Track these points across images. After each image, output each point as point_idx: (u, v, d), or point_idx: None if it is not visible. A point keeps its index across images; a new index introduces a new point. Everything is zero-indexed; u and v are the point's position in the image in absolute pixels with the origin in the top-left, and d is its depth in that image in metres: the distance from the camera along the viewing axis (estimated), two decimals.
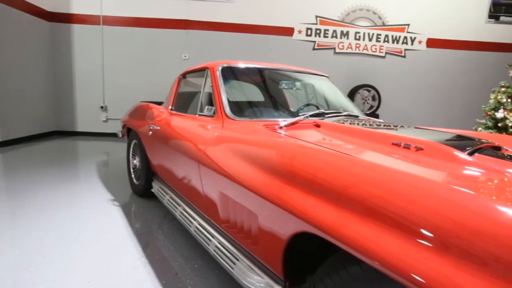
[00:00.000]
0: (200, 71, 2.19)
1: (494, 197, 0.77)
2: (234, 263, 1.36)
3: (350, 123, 1.58)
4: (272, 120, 1.71)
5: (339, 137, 1.34)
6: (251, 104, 2.02)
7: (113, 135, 5.57)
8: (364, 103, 5.80)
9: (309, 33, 6.01)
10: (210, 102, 1.92)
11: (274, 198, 1.02)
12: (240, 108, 1.86)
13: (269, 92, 2.21)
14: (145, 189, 2.71)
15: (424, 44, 6.09)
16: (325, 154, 1.00)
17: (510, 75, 3.30)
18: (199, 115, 1.98)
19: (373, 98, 5.79)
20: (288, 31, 5.98)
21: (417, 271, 0.63)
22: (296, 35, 6.00)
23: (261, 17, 5.89)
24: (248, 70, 2.09)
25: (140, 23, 5.82)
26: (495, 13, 6.01)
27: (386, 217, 0.72)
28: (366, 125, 1.56)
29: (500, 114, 3.18)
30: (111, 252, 1.86)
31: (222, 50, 5.89)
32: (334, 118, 1.74)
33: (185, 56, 5.93)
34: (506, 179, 0.92)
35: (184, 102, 2.46)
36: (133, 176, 3.00)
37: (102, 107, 6.04)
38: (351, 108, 2.13)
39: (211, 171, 1.45)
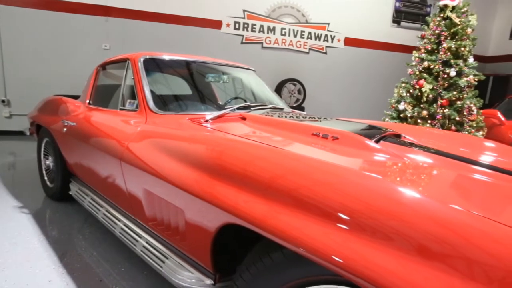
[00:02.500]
0: (121, 63, 2.04)
1: (396, 180, 0.88)
2: (163, 262, 1.32)
3: (275, 116, 1.64)
4: (198, 113, 1.69)
5: (264, 129, 1.39)
6: (176, 98, 1.96)
7: (19, 133, 4.87)
8: (290, 96, 6.08)
9: (237, 26, 6.04)
10: (132, 96, 1.81)
11: (201, 192, 1.01)
12: (164, 102, 1.79)
13: (195, 85, 2.17)
14: (62, 192, 2.45)
15: (342, 42, 6.61)
16: (250, 147, 1.02)
17: (408, 73, 3.79)
18: (120, 109, 1.85)
19: (299, 92, 6.10)
20: (216, 24, 5.92)
21: (336, 253, 0.68)
22: (224, 29, 5.97)
23: (188, 8, 5.71)
24: (172, 62, 2.02)
25: (49, 5, 5.16)
26: (397, 19, 6.82)
27: (309, 205, 0.76)
28: (291, 117, 1.64)
29: (401, 106, 3.64)
30: (20, 267, 1.65)
31: (147, 41, 5.57)
32: (259, 111, 1.79)
33: (105, 46, 5.45)
34: (405, 163, 1.07)
35: (103, 95, 2.27)
36: (46, 178, 2.68)
37: (3, 101, 5.24)
38: (277, 101, 2.22)
39: (135, 168, 1.38)
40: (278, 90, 6.01)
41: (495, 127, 3.81)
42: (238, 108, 1.74)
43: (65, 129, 2.18)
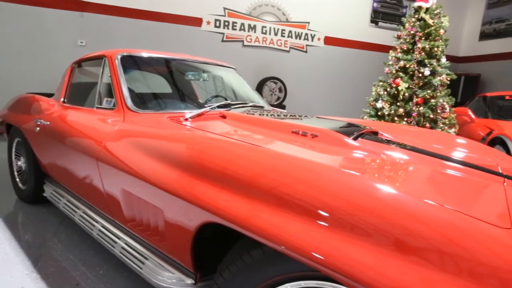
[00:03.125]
0: (97, 60, 1.98)
1: (373, 176, 0.90)
2: (143, 263, 1.30)
3: (256, 114, 1.64)
4: (178, 112, 1.67)
5: (244, 127, 1.39)
6: (155, 96, 1.92)
7: None
8: (271, 94, 6.10)
9: (217, 24, 5.99)
10: (110, 94, 1.76)
11: (181, 192, 1.00)
12: (143, 100, 1.75)
13: (174, 84, 2.13)
14: (35, 194, 2.35)
15: (322, 41, 6.69)
16: (231, 145, 1.02)
17: (385, 71, 3.89)
18: (97, 108, 1.80)
19: (280, 90, 6.13)
20: (196, 22, 5.85)
21: (316, 250, 0.69)
22: (204, 26, 5.91)
23: (167, 5, 5.61)
24: (151, 60, 1.98)
25: None
26: (375, 19, 6.98)
27: (289, 202, 0.77)
28: (273, 115, 1.65)
29: (379, 104, 3.74)
30: None
31: (125, 38, 5.43)
32: (240, 109, 1.79)
33: (81, 42, 5.27)
34: (382, 160, 1.09)
35: (79, 93, 2.20)
36: (18, 180, 2.57)
37: None
38: (257, 99, 2.22)
39: (112, 168, 1.34)
40: (259, 88, 6.01)
41: (466, 124, 3.97)
42: (219, 107, 1.73)
43: (38, 128, 2.10)
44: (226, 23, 6.02)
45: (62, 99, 2.19)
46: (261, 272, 0.83)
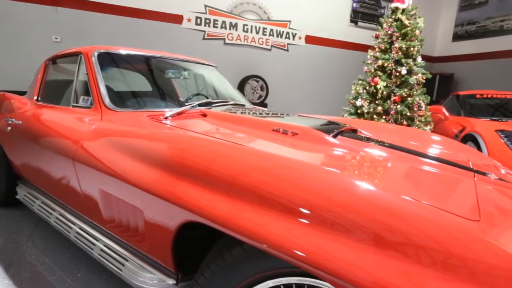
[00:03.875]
0: (72, 56, 1.91)
1: (353, 173, 0.92)
2: (123, 265, 1.27)
3: (237, 112, 1.64)
4: (158, 110, 1.64)
5: (225, 125, 1.38)
6: (134, 94, 1.88)
7: None
8: (253, 93, 6.10)
9: (198, 22, 5.92)
10: (86, 92, 1.71)
11: (162, 192, 0.99)
12: (121, 98, 1.71)
13: (154, 82, 2.10)
14: (7, 197, 2.26)
15: (303, 40, 6.75)
16: (212, 144, 1.01)
17: (364, 70, 3.97)
18: (73, 106, 1.74)
19: (262, 88, 6.14)
20: (177, 19, 5.75)
21: (298, 247, 0.69)
22: (185, 24, 5.83)
23: (147, 1, 5.49)
24: (130, 57, 1.93)
25: None
26: (354, 19, 7.11)
27: (271, 200, 0.77)
28: (254, 113, 1.65)
29: (359, 102, 3.81)
30: None
31: (103, 34, 5.27)
32: (221, 108, 1.78)
33: (56, 39, 5.07)
34: (361, 157, 1.12)
35: (53, 91, 2.12)
36: None
37: None
38: (238, 97, 2.22)
39: (90, 168, 1.31)
40: (241, 86, 6.00)
41: (441, 122, 4.12)
42: (199, 105, 1.71)
43: (9, 128, 2.01)
44: (207, 21, 5.96)
45: (35, 97, 2.11)
46: (242, 270, 0.84)
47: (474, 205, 0.80)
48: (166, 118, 1.48)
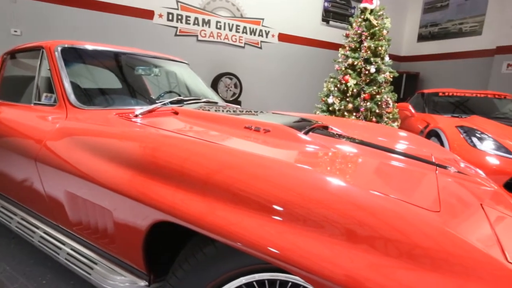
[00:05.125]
0: (33, 51, 1.81)
1: (324, 169, 0.94)
2: (91, 268, 1.22)
3: (209, 110, 1.62)
4: (127, 108, 1.59)
5: (197, 123, 1.36)
6: (101, 91, 1.81)
7: None
8: (227, 90, 6.07)
9: (170, 18, 5.78)
10: (50, 89, 1.62)
11: (133, 192, 0.96)
12: (88, 96, 1.64)
13: (123, 79, 2.02)
14: None
15: (276, 37, 6.79)
16: (185, 142, 1.00)
17: (335, 68, 4.07)
18: (35, 104, 1.65)
19: (235, 86, 6.12)
20: (147, 14, 5.59)
21: (272, 244, 0.70)
22: (156, 19, 5.68)
23: None
24: (96, 53, 1.85)
25: None
26: (326, 18, 7.26)
27: (245, 198, 0.77)
28: (228, 111, 1.64)
29: (330, 100, 3.91)
30: None
31: (68, 28, 5.02)
32: (193, 105, 1.76)
33: (15, 32, 4.77)
34: (332, 153, 1.14)
35: (12, 88, 2.00)
36: None
37: None
38: (211, 95, 2.19)
39: (54, 169, 1.24)
40: (215, 84, 5.95)
41: (407, 118, 4.31)
42: (171, 102, 1.68)
43: None
44: (179, 17, 5.84)
45: None
46: (215, 268, 0.83)
47: (435, 197, 0.84)
48: (136, 116, 1.44)
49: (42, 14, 4.90)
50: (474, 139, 2.88)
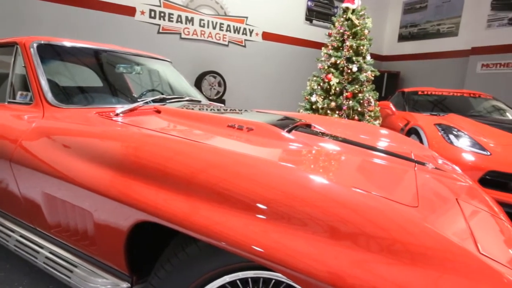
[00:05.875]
0: (6, 47, 1.74)
1: (307, 167, 0.94)
2: (71, 271, 1.19)
3: (192, 109, 1.61)
4: (108, 107, 1.55)
5: (179, 122, 1.35)
6: (81, 90, 1.76)
7: None
8: (211, 89, 6.03)
9: (152, 15, 5.68)
10: (25, 87, 1.56)
11: (115, 193, 0.94)
12: (66, 94, 1.59)
13: (103, 77, 1.97)
14: None
15: (260, 36, 6.80)
16: (168, 141, 0.98)
17: (318, 67, 4.11)
18: (9, 102, 1.59)
19: (219, 84, 6.09)
20: (129, 11, 5.47)
21: (257, 243, 0.70)
22: (138, 16, 5.56)
23: None
24: (75, 50, 1.80)
25: None
26: (309, 17, 7.33)
27: (229, 197, 0.77)
28: (212, 109, 1.62)
29: (313, 98, 3.95)
30: None
31: (46, 25, 4.85)
32: (176, 104, 1.73)
33: None
34: (315, 151, 1.15)
35: None
36: None
37: None
38: (194, 93, 2.17)
39: (30, 170, 1.20)
40: (199, 82, 5.90)
41: (388, 116, 4.40)
42: (153, 101, 1.65)
43: None
44: (162, 14, 5.75)
45: None
46: (198, 268, 0.83)
47: (414, 193, 0.87)
48: (117, 115, 1.41)
49: (18, 9, 4.72)
50: (451, 137, 2.98)
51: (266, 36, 6.83)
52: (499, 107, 4.15)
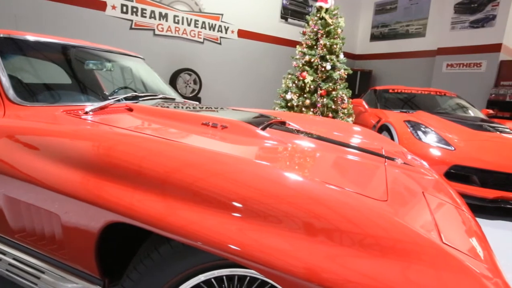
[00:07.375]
0: None
1: (282, 165, 0.95)
2: (38, 278, 1.14)
3: (167, 107, 1.57)
4: (77, 104, 1.49)
5: (153, 120, 1.32)
6: (46, 87, 1.68)
7: None
8: (186, 86, 5.94)
9: (124, 10, 5.50)
10: None
11: (85, 194, 0.90)
12: (30, 92, 1.51)
13: (71, 73, 1.89)
14: None
15: (236, 34, 6.77)
16: (142, 140, 0.96)
17: (293, 65, 4.16)
18: None
19: (195, 82, 6.01)
20: (99, 5, 5.26)
21: (233, 241, 0.70)
22: (109, 11, 5.37)
23: None
24: (39, 45, 1.71)
25: None
26: (285, 15, 7.39)
27: (205, 196, 0.76)
28: (188, 107, 1.60)
29: (288, 96, 3.99)
30: None
31: (5, 17, 4.58)
32: (149, 102, 1.69)
33: None
34: (290, 149, 1.17)
35: None
36: None
37: None
38: (168, 91, 2.13)
39: None
40: (173, 80, 5.79)
41: (361, 114, 4.54)
42: (126, 99, 1.60)
43: None
44: (135, 9, 5.58)
45: None
46: (172, 268, 0.81)
47: (384, 188, 0.90)
48: (87, 113, 1.35)
49: None
50: (419, 133, 3.11)
51: (242, 33, 6.81)
52: (462, 105, 4.39)
